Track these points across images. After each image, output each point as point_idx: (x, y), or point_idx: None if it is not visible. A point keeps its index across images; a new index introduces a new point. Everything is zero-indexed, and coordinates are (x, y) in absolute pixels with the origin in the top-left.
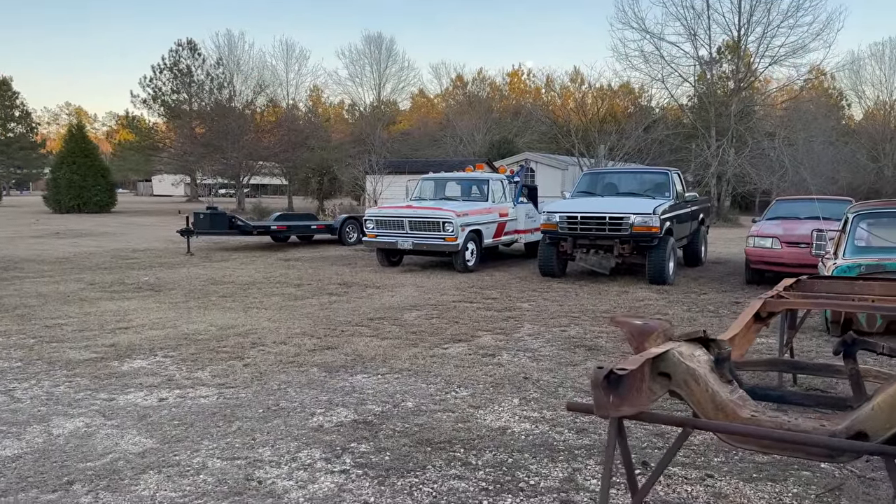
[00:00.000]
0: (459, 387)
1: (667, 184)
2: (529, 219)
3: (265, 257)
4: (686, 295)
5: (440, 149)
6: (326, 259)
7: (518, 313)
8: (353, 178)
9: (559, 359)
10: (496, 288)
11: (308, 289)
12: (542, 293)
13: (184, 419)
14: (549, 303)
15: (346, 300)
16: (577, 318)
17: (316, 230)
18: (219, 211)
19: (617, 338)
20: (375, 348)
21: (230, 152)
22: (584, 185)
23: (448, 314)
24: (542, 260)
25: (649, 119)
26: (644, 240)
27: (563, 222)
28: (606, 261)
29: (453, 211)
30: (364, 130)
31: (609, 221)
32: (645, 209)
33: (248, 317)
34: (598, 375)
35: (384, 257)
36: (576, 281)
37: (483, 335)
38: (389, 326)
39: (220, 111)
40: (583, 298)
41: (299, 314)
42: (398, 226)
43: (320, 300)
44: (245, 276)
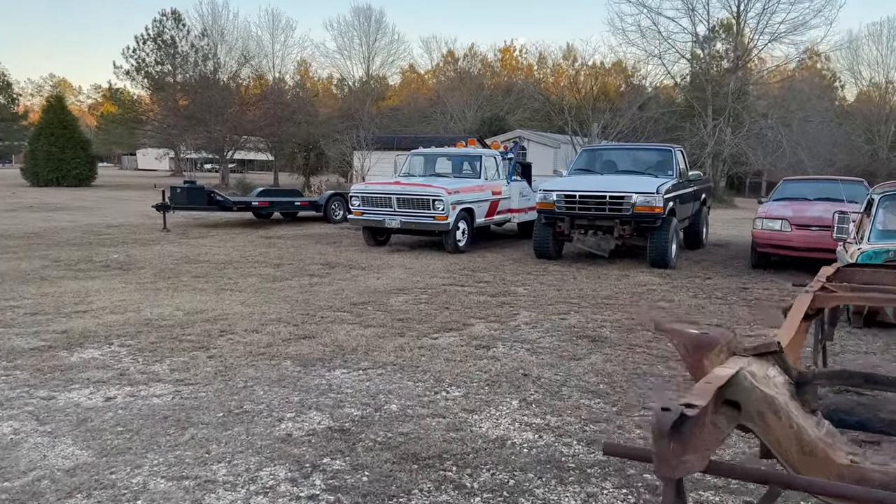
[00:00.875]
0: (451, 385)
1: (669, 161)
2: (523, 197)
3: (245, 235)
4: (690, 279)
5: (430, 125)
6: (310, 237)
7: (513, 299)
8: (341, 154)
9: (560, 352)
10: (489, 270)
11: (288, 269)
12: (537, 276)
13: (130, 425)
14: (545, 287)
15: (329, 282)
16: (576, 304)
17: (300, 207)
18: (197, 185)
19: (622, 327)
20: (357, 338)
21: (213, 125)
22: (583, 162)
23: (438, 299)
24: (537, 241)
25: (642, 98)
26: (646, 221)
27: (561, 201)
28: (606, 242)
29: (444, 188)
30: (353, 105)
31: (609, 201)
32: (648, 188)
33: (219, 300)
34: (664, 421)
35: (370, 236)
36: (573, 263)
37: (476, 323)
38: (374, 312)
39: (203, 83)
40: (581, 283)
41: (276, 298)
42: (385, 203)
43: (300, 282)
44: (222, 254)
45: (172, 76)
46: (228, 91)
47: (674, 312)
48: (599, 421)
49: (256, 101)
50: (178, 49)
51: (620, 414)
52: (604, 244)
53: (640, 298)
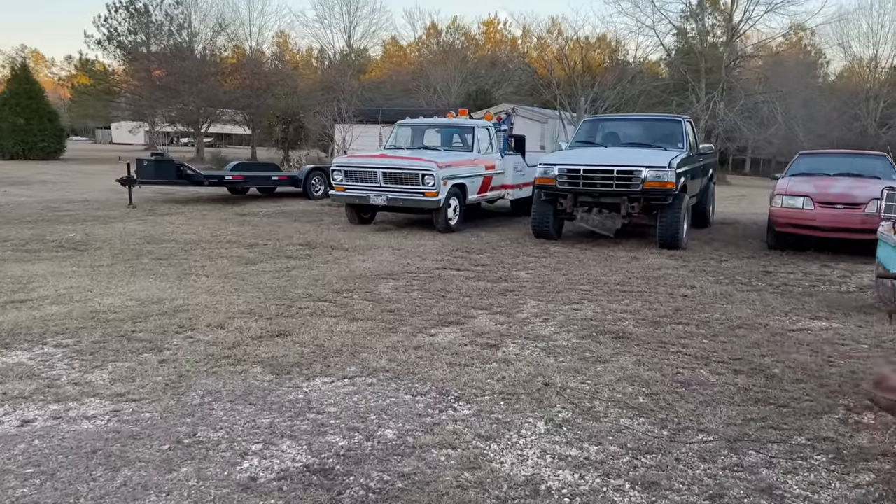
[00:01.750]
0: (458, 400)
1: (679, 133)
2: (518, 172)
3: (218, 211)
4: (705, 262)
5: (413, 99)
6: (288, 215)
7: (516, 285)
8: (321, 127)
9: (582, 352)
10: (485, 252)
11: (263, 251)
12: (539, 259)
13: (45, 463)
14: (550, 271)
15: (308, 265)
16: (587, 291)
17: (277, 182)
18: (165, 158)
19: (645, 320)
20: (342, 335)
21: (187, 97)
22: (584, 133)
23: (432, 285)
24: (536, 220)
25: (626, 73)
26: (657, 197)
27: (563, 176)
28: (612, 221)
29: (434, 161)
30: (333, 78)
31: (617, 176)
32: (659, 162)
33: (182, 287)
34: None
35: (354, 214)
36: (575, 244)
37: (478, 315)
38: (360, 302)
39: (178, 53)
40: (588, 266)
41: (248, 284)
42: (370, 178)
43: (276, 265)
44: (190, 233)
45: (146, 46)
46: (203, 61)
47: (700, 301)
48: (651, 451)
49: (232, 72)
50: (151, 18)
51: (675, 440)
52: (609, 223)
53: (657, 284)
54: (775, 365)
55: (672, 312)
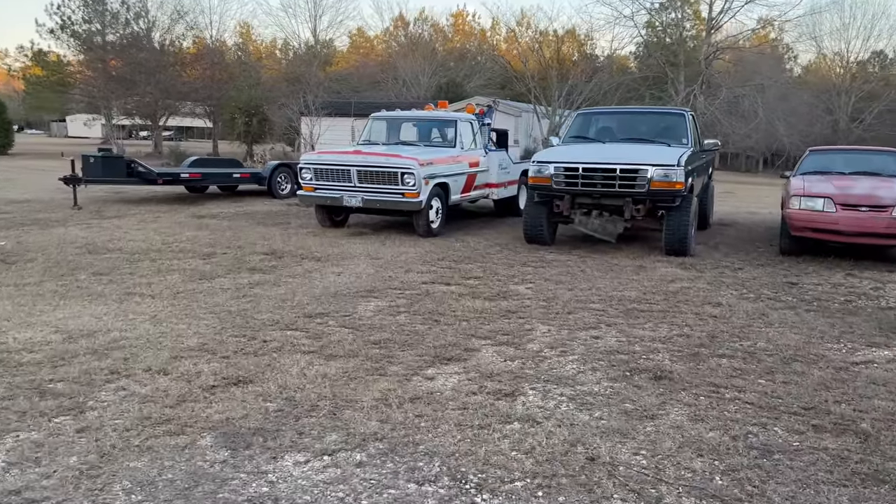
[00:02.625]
0: (481, 489)
1: (683, 127)
2: (503, 170)
3: (173, 213)
4: (719, 271)
5: (381, 92)
6: (252, 216)
7: (518, 304)
8: (287, 120)
9: (621, 402)
10: (475, 260)
11: (221, 261)
12: (537, 269)
13: None
14: (552, 285)
15: (274, 281)
16: (602, 312)
17: (239, 180)
18: (113, 154)
19: (681, 351)
20: (318, 380)
21: (144, 88)
22: (578, 127)
23: (421, 306)
24: (529, 223)
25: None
26: (664, 199)
27: (560, 176)
28: (613, 225)
29: (415, 159)
30: (299, 69)
31: (620, 175)
32: (667, 160)
33: (121, 312)
34: None
35: (325, 216)
36: (572, 250)
37: (481, 347)
38: (338, 330)
39: (135, 43)
40: (594, 278)
41: (202, 307)
42: (343, 177)
43: (236, 281)
44: (139, 239)
45: (101, 35)
46: (162, 51)
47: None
48: None
49: (192, 62)
50: (107, 6)
51: None
52: (611, 227)
53: (677, 301)
54: (860, 416)
55: (708, 340)
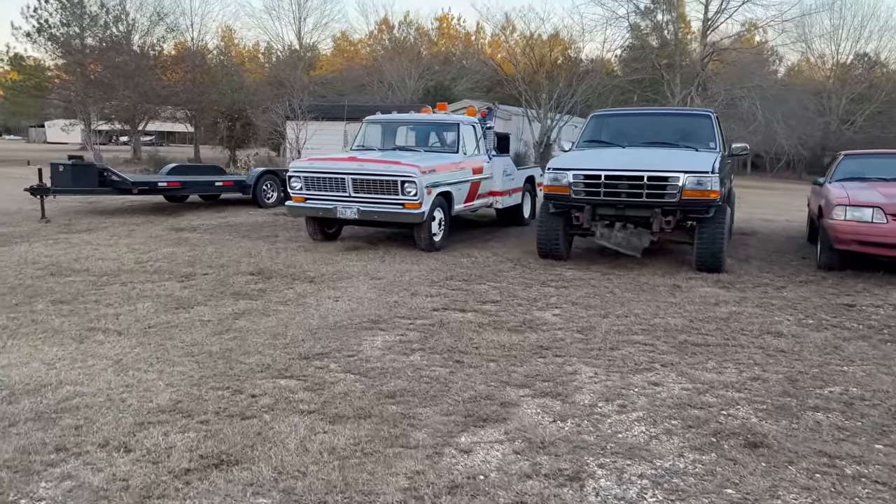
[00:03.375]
0: None
1: (710, 130)
2: (507, 177)
3: (149, 226)
4: (762, 290)
5: (367, 95)
6: (236, 229)
7: (549, 336)
8: (272, 125)
9: (720, 486)
10: (487, 279)
11: (201, 285)
12: (559, 289)
13: None
14: (582, 310)
15: (263, 309)
16: (650, 346)
17: (222, 188)
18: (85, 162)
19: (765, 403)
20: (322, 459)
21: (122, 92)
22: (593, 130)
23: (437, 341)
24: (543, 237)
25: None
26: (697, 209)
27: (579, 184)
28: (638, 239)
29: (416, 166)
30: (283, 72)
31: (648, 183)
32: (700, 166)
33: (79, 356)
34: None
35: (317, 229)
36: (591, 265)
37: (520, 399)
38: (342, 377)
39: (114, 46)
40: (626, 300)
41: (177, 347)
42: (337, 186)
43: (219, 310)
44: (110, 258)
45: (80, 39)
46: (141, 54)
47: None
48: None
49: (173, 65)
50: (85, 9)
51: None
52: (636, 241)
53: (731, 331)
54: None
55: (790, 386)
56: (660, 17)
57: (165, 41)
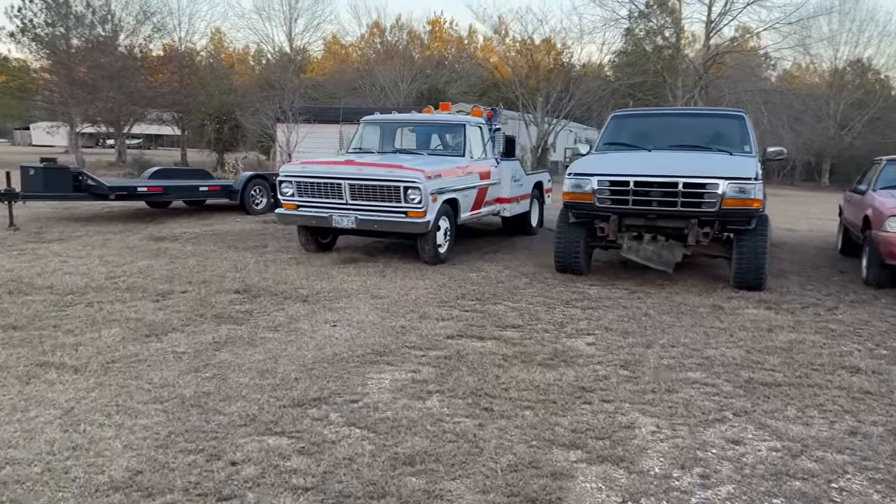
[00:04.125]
0: None
1: (744, 132)
2: (516, 183)
3: (126, 234)
4: (814, 311)
5: (360, 98)
6: (221, 238)
7: (589, 373)
8: (261, 127)
9: None
10: (503, 298)
11: (179, 305)
12: (586, 310)
13: None
14: (619, 337)
15: (248, 337)
16: (711, 387)
17: (208, 193)
18: (57, 165)
19: (882, 473)
20: None
21: (106, 93)
22: (614, 132)
23: (457, 380)
24: (562, 249)
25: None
26: (738, 220)
27: (605, 191)
28: (670, 252)
29: (420, 170)
30: (273, 74)
31: (684, 191)
32: (742, 171)
33: (21, 403)
34: None
35: (310, 239)
36: (614, 281)
37: (573, 466)
38: (345, 434)
39: (98, 46)
40: (666, 324)
41: (143, 390)
42: (333, 192)
43: (196, 338)
44: (79, 272)
45: (65, 39)
46: (128, 55)
47: None
48: None
49: (159, 66)
50: (71, 9)
51: None
52: (667, 255)
53: (799, 366)
54: None
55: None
56: (653, 22)
57: (152, 41)
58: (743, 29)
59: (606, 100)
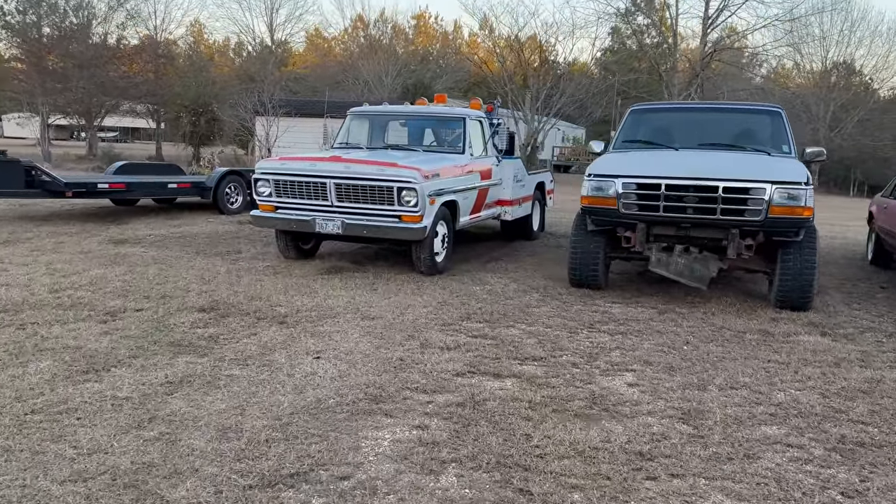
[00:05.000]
0: None
1: (782, 131)
2: (518, 183)
3: (83, 236)
4: (874, 338)
5: (343, 93)
6: (190, 241)
7: (642, 428)
8: (239, 120)
9: None
10: (515, 318)
11: (130, 328)
12: (614, 336)
13: None
14: (664, 374)
15: (210, 375)
16: (800, 449)
17: (177, 190)
18: (7, 158)
19: None
20: None
21: (76, 82)
22: (633, 128)
23: (479, 443)
24: (578, 262)
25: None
26: (785, 230)
27: (631, 196)
28: (705, 267)
29: (417, 169)
30: (254, 67)
31: (724, 196)
32: (792, 175)
33: None
34: None
35: (289, 245)
36: (637, 297)
37: None
38: None
39: (73, 35)
40: (717, 357)
41: (62, 458)
42: (317, 192)
43: (145, 376)
44: (18, 284)
45: (37, 28)
46: (103, 44)
47: None
48: None
49: (133, 55)
50: None
51: None
52: (702, 270)
53: (890, 415)
54: None
55: None
56: (641, 20)
57: (125, 28)
58: (730, 29)
59: (600, 97)
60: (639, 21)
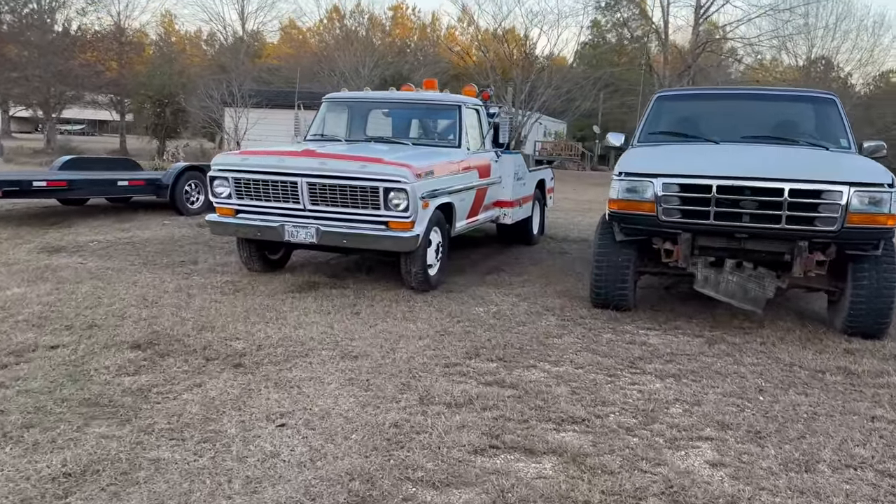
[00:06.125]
0: None
1: (839, 123)
2: (519, 181)
3: (14, 242)
4: None
5: (318, 84)
6: (138, 249)
7: None
8: (207, 111)
9: None
10: (534, 354)
11: (36, 375)
12: (665, 379)
13: None
14: (755, 447)
15: (126, 461)
16: None
17: (129, 188)
18: None
19: None
20: None
21: (32, 71)
22: (659, 118)
23: None
24: (603, 278)
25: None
26: (864, 243)
27: (673, 199)
28: (761, 286)
29: (407, 165)
30: (226, 57)
31: (791, 200)
32: (870, 175)
33: None
34: None
35: (254, 256)
36: (672, 319)
37: None
38: None
39: (35, 24)
40: (808, 415)
41: None
42: (286, 193)
43: (33, 466)
44: None
45: None
46: (61, 32)
47: None
48: None
49: (94, 42)
50: None
51: None
52: (757, 290)
53: None
54: None
55: None
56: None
57: (86, 14)
58: (710, 23)
59: (588, 89)
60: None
